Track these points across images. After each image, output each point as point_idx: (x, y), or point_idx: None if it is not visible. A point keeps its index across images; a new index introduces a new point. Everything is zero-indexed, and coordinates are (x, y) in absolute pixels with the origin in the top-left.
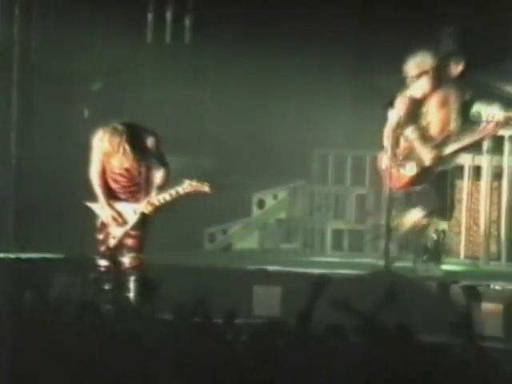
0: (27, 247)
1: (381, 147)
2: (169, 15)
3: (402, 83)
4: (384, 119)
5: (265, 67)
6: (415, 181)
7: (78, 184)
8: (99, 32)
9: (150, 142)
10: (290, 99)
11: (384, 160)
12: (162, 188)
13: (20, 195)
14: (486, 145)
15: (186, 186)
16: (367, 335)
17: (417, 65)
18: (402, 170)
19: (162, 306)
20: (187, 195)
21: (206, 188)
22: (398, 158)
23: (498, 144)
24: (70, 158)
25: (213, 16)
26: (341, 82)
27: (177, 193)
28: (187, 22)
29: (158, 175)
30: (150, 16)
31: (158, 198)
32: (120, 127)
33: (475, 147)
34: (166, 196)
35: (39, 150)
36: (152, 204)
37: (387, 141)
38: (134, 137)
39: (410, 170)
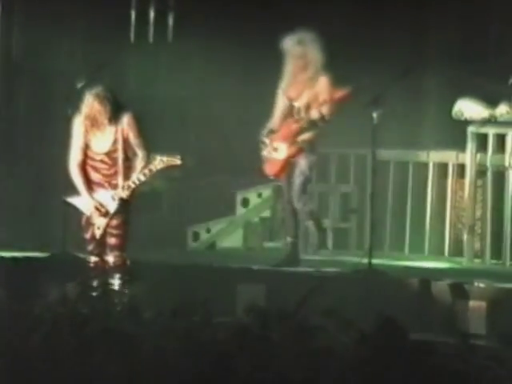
0: (6, 246)
1: (360, 145)
2: (151, 14)
3: (386, 82)
4: (369, 117)
5: (249, 65)
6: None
7: (60, 182)
8: (82, 30)
9: (126, 117)
10: (274, 97)
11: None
12: (141, 170)
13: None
14: (469, 143)
15: (158, 162)
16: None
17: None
18: (275, 155)
19: (146, 305)
20: (161, 172)
21: (177, 161)
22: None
23: (482, 142)
24: (53, 156)
25: (195, 15)
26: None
27: (150, 171)
28: (170, 20)
29: (137, 160)
30: (132, 14)
31: (132, 180)
32: (105, 89)
33: (459, 145)
34: (140, 176)
35: (21, 149)
36: (128, 187)
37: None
38: (115, 103)
39: (280, 153)
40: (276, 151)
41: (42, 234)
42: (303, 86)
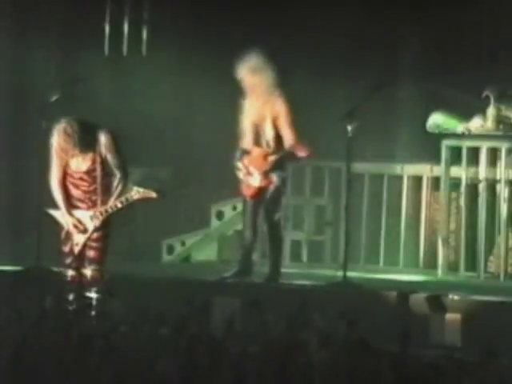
0: None
1: (335, 158)
2: (125, 27)
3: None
4: (343, 130)
5: (224, 79)
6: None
7: (36, 195)
8: (56, 44)
9: (103, 138)
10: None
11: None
12: (119, 193)
13: None
14: (444, 155)
15: (135, 193)
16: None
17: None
18: (250, 180)
19: (120, 318)
20: (140, 202)
21: (153, 194)
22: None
23: (456, 155)
24: (27, 170)
25: (169, 28)
26: (301, 94)
27: (126, 200)
28: (144, 34)
29: (115, 181)
30: (106, 28)
31: (110, 206)
32: (72, 122)
33: (434, 158)
34: (117, 203)
35: None
36: (106, 211)
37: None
38: (85, 132)
39: (255, 180)
40: (251, 176)
41: (17, 247)
42: (262, 109)
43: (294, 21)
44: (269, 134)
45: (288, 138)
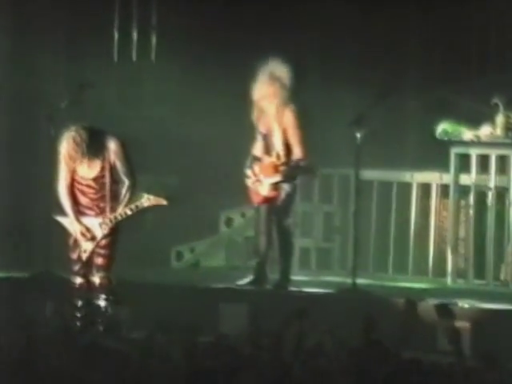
0: None
1: (344, 165)
2: (134, 34)
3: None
4: (353, 138)
5: (234, 84)
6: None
7: (44, 202)
8: (65, 50)
9: (112, 145)
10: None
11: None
12: (128, 201)
13: None
14: (453, 163)
15: (145, 200)
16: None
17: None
18: (259, 187)
19: (130, 324)
20: (149, 209)
21: (163, 201)
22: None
23: (465, 162)
24: (36, 176)
25: (178, 34)
26: (310, 102)
27: (136, 207)
28: (153, 40)
29: (124, 188)
30: (115, 34)
31: (119, 213)
32: (81, 130)
33: (443, 165)
34: (127, 211)
35: (4, 168)
36: (115, 218)
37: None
38: (94, 140)
39: (263, 189)
40: (260, 184)
41: (26, 253)
42: (272, 119)
43: (306, 28)
44: (278, 144)
45: (297, 151)
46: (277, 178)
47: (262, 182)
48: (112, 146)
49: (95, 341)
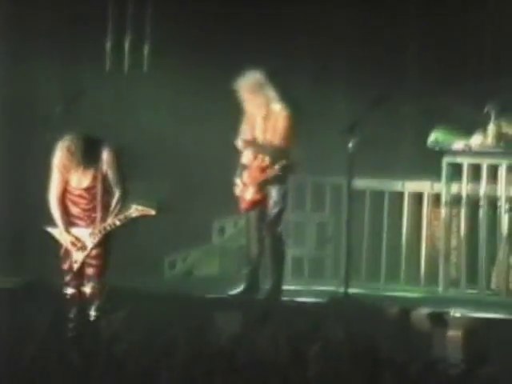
0: None
1: (336, 173)
2: (128, 42)
3: (361, 110)
4: (344, 146)
5: (225, 94)
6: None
7: (38, 209)
8: (58, 58)
9: (105, 155)
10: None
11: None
12: (118, 211)
13: None
14: (444, 172)
15: (133, 211)
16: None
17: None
18: (245, 193)
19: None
20: (140, 218)
21: (152, 212)
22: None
23: (456, 171)
24: (30, 183)
25: (171, 44)
26: (301, 109)
27: (125, 217)
28: (146, 49)
29: (114, 198)
30: (108, 43)
31: (109, 223)
32: (75, 139)
33: (435, 174)
34: (115, 221)
35: None
36: (104, 229)
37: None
38: (89, 149)
39: (248, 193)
40: (246, 190)
41: (18, 261)
42: (261, 123)
43: (297, 36)
44: (266, 147)
45: (281, 142)
46: (262, 179)
47: (248, 187)
48: (105, 155)
49: (86, 350)
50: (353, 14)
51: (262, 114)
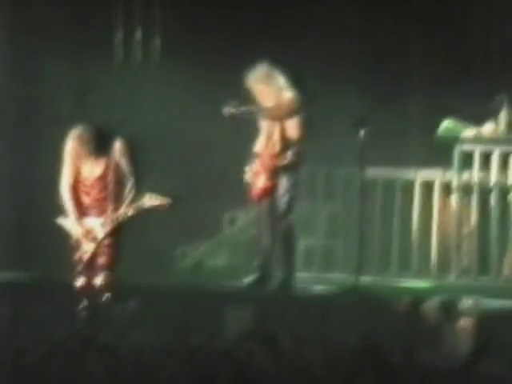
0: None
1: (347, 163)
2: (137, 36)
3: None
4: (355, 134)
5: (237, 87)
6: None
7: (45, 206)
8: (68, 55)
9: (118, 144)
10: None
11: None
12: (131, 200)
13: None
14: (456, 161)
15: (147, 200)
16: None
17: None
18: (257, 181)
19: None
20: (152, 209)
21: (165, 201)
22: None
23: (468, 160)
24: (37, 180)
25: (180, 37)
26: (313, 99)
27: (138, 207)
28: (156, 44)
29: (127, 187)
30: (118, 37)
31: (121, 213)
32: (87, 127)
33: (446, 163)
34: (128, 211)
35: (5, 173)
36: (117, 219)
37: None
38: (100, 138)
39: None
40: (257, 178)
41: (27, 257)
42: (273, 112)
43: (306, 30)
44: (277, 136)
45: (296, 140)
46: (273, 167)
47: (259, 175)
48: (118, 144)
49: (97, 341)
50: (365, 11)
51: (272, 102)
